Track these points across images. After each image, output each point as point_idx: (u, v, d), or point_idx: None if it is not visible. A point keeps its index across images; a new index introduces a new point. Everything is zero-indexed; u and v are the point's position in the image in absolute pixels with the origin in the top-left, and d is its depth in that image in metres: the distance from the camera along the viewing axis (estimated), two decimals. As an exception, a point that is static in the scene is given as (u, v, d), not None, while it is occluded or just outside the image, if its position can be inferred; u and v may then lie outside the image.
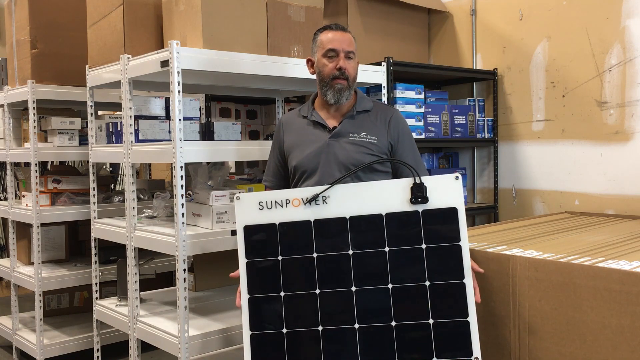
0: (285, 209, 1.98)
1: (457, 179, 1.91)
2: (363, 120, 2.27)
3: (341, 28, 2.25)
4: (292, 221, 1.97)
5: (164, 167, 5.70)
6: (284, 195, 1.99)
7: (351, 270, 1.93)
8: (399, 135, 2.27)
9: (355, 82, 2.28)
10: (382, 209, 1.94)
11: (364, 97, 2.33)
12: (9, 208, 3.70)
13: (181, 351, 2.43)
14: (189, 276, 3.06)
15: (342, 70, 2.19)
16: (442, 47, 4.32)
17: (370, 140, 2.22)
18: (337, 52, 2.20)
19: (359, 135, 2.22)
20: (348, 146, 2.21)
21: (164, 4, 2.77)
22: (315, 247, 1.95)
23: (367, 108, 2.29)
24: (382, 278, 1.91)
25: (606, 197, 3.47)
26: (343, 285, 1.92)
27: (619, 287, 1.99)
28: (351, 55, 2.23)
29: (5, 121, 3.72)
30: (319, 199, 1.96)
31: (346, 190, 1.97)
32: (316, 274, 1.94)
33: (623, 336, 1.98)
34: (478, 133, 3.97)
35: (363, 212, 1.94)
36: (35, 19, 3.46)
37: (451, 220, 1.90)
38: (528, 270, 2.25)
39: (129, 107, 2.77)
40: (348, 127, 2.24)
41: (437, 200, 1.91)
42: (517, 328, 2.30)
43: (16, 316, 3.77)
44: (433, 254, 1.90)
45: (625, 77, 3.38)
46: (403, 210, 1.92)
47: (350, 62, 2.22)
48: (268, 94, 3.77)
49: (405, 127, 2.32)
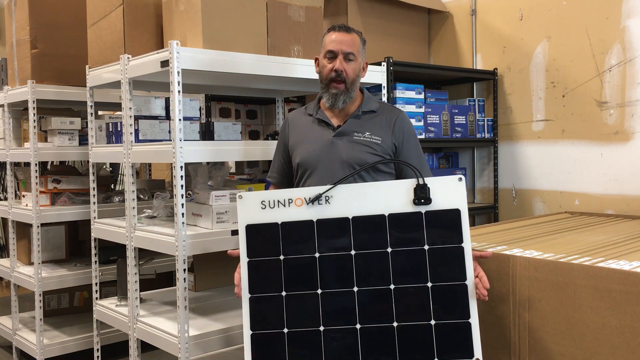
0: (288, 208, 1.97)
1: (460, 181, 1.91)
2: (368, 120, 2.26)
3: (345, 29, 2.23)
4: (294, 221, 1.96)
5: (164, 167, 5.70)
6: (287, 194, 1.98)
7: (353, 271, 1.92)
8: (403, 136, 2.26)
9: (356, 83, 2.26)
10: (385, 209, 1.93)
11: (371, 98, 2.33)
12: (9, 208, 3.70)
13: (181, 351, 2.43)
14: (189, 276, 3.06)
15: (339, 72, 2.18)
16: (442, 47, 4.32)
17: (375, 140, 2.21)
18: (335, 53, 2.20)
19: (364, 135, 2.22)
20: (352, 145, 2.21)
21: (164, 4, 2.77)
22: (317, 247, 1.94)
23: (373, 109, 2.29)
24: (384, 279, 1.91)
25: (606, 197, 3.47)
26: (345, 285, 1.92)
27: (619, 287, 1.99)
28: (351, 56, 2.21)
29: (5, 121, 3.72)
30: (321, 198, 1.95)
31: (349, 190, 1.96)
32: (318, 274, 1.94)
33: (623, 336, 1.98)
34: (478, 133, 3.97)
35: (366, 213, 1.94)
36: (35, 19, 3.46)
37: (454, 221, 1.90)
38: (528, 270, 2.25)
39: (129, 107, 2.77)
40: (353, 127, 2.24)
41: (440, 201, 1.91)
42: (517, 328, 2.30)
43: (16, 316, 3.77)
44: (435, 255, 1.90)
45: (625, 77, 3.38)
46: (406, 211, 1.92)
47: (350, 64, 2.21)
48: (268, 94, 3.77)
49: (410, 128, 2.31)
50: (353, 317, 1.91)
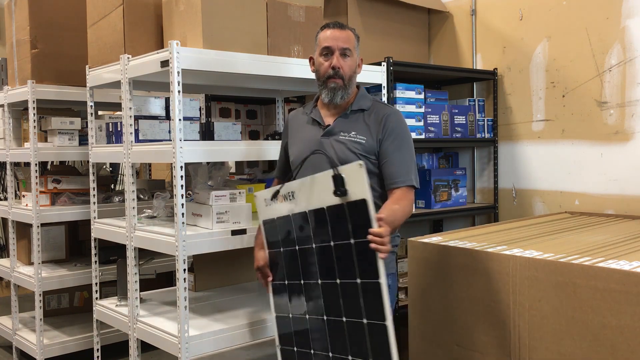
0: (276, 204, 2.16)
1: (360, 167, 1.83)
2: (356, 119, 2.26)
3: (339, 26, 2.23)
4: (281, 216, 2.15)
5: (164, 167, 5.70)
6: (271, 192, 2.17)
7: (300, 265, 2.11)
8: (387, 132, 2.20)
9: (353, 79, 2.26)
10: (324, 202, 1.96)
11: (364, 96, 2.32)
12: (9, 208, 3.70)
13: (181, 351, 2.43)
14: (189, 276, 3.06)
15: (336, 69, 2.19)
16: (442, 47, 4.32)
17: (359, 139, 2.21)
18: (331, 50, 2.20)
19: (349, 135, 2.22)
20: (336, 145, 2.22)
21: (164, 4, 2.77)
22: (296, 240, 2.10)
23: (364, 107, 2.27)
24: (314, 274, 2.04)
25: (606, 197, 3.47)
26: (307, 278, 2.08)
27: (619, 287, 1.99)
28: (347, 52, 2.21)
29: (5, 121, 3.72)
30: (288, 194, 2.09)
31: (299, 185, 2.06)
32: (299, 266, 2.10)
33: (623, 336, 1.98)
34: (478, 133, 3.97)
35: (315, 206, 2.00)
36: (35, 19, 3.46)
37: (363, 213, 1.85)
38: (528, 270, 2.26)
39: (129, 107, 2.77)
40: (340, 126, 2.25)
41: (353, 192, 1.87)
42: (517, 328, 2.30)
43: (16, 316, 3.77)
44: (354, 250, 1.88)
45: (625, 77, 3.38)
46: (334, 204, 1.93)
47: (346, 60, 2.21)
48: (268, 94, 3.77)
49: (398, 126, 2.23)
50: (305, 310, 2.10)
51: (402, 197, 2.14)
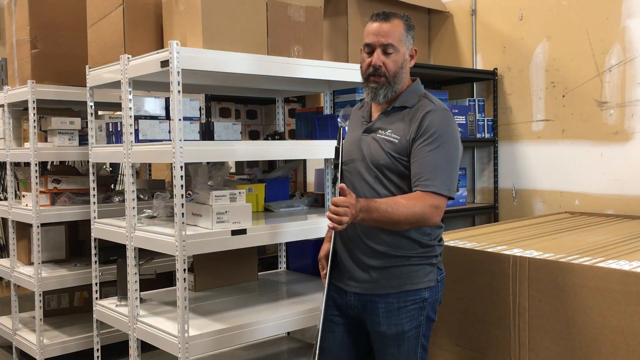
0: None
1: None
2: (397, 117, 2.11)
3: (384, 17, 2.06)
4: None
5: (164, 167, 5.70)
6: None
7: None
8: (422, 131, 2.00)
9: (400, 75, 2.10)
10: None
11: (412, 92, 2.15)
12: (9, 208, 3.70)
13: (181, 351, 2.43)
14: (189, 276, 3.05)
15: (376, 67, 2.05)
16: (442, 47, 4.32)
17: (393, 138, 2.06)
18: (372, 46, 2.07)
19: (385, 133, 2.08)
20: (372, 143, 2.10)
21: (164, 4, 2.77)
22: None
23: (408, 105, 2.11)
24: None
25: (606, 197, 3.47)
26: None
27: (619, 287, 1.99)
28: (390, 49, 2.05)
29: (5, 121, 3.72)
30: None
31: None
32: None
33: (623, 336, 1.98)
34: (478, 133, 3.97)
35: None
36: (35, 19, 3.46)
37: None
38: (528, 270, 2.25)
39: (129, 107, 2.77)
40: (380, 123, 2.11)
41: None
42: (517, 328, 2.30)
43: (16, 316, 3.77)
44: None
45: (625, 77, 3.38)
46: None
47: (389, 57, 2.06)
48: (268, 94, 3.77)
49: (437, 125, 2.00)
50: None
51: (417, 198, 1.92)
